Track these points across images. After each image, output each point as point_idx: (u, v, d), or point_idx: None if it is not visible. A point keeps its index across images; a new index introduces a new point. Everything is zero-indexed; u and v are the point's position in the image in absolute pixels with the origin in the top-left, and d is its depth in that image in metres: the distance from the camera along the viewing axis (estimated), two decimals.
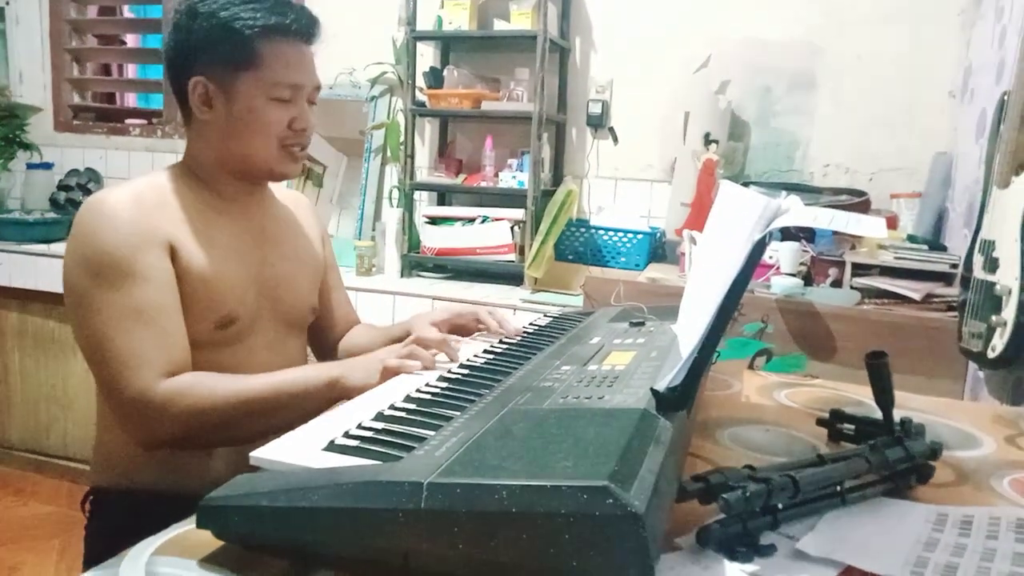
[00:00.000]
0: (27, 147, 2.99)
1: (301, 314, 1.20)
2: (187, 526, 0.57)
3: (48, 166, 3.07)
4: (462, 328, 1.14)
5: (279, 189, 1.22)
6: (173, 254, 0.99)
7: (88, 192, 3.01)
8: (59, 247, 2.65)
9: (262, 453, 0.58)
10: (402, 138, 2.50)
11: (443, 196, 2.66)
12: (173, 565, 0.53)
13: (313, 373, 0.95)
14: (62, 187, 3.02)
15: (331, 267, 1.32)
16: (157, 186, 1.04)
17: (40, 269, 2.59)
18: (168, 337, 0.96)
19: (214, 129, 1.05)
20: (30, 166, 3.04)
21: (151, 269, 0.96)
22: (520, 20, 2.37)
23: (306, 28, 1.05)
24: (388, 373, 0.86)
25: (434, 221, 2.50)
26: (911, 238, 1.94)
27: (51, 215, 2.88)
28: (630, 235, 2.35)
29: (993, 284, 1.23)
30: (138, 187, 1.02)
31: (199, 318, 1.01)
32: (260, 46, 1.01)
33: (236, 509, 0.53)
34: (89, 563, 1.07)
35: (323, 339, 1.31)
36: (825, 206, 1.93)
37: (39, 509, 2.55)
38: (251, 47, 1.01)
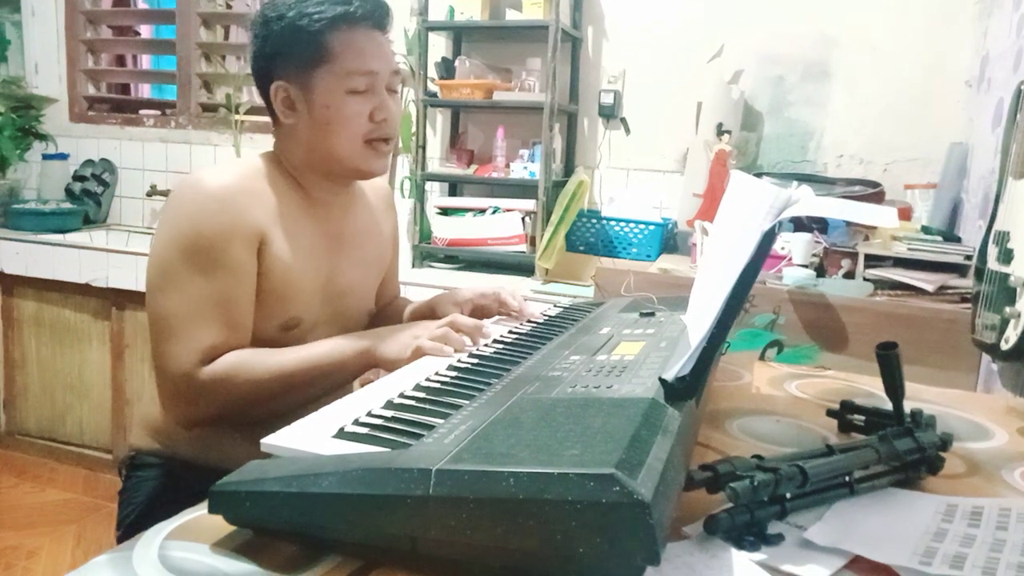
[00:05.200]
0: (43, 137, 3.02)
1: (360, 319, 1.22)
2: (199, 511, 0.58)
3: (63, 156, 3.10)
4: (484, 309, 1.15)
5: None
6: (261, 249, 1.00)
7: (103, 182, 3.04)
8: (74, 237, 2.68)
9: (273, 440, 0.58)
10: (413, 129, 2.50)
11: (454, 187, 2.66)
12: (186, 549, 0.54)
13: (347, 345, 0.98)
14: (77, 177, 3.05)
15: (394, 255, 1.32)
16: (255, 174, 1.05)
17: (56, 258, 2.61)
18: (234, 329, 0.98)
19: (299, 131, 1.06)
20: (46, 156, 3.06)
21: (238, 262, 0.98)
22: (532, 10, 2.35)
23: (374, 14, 1.05)
24: (420, 354, 0.88)
25: (445, 212, 2.50)
26: (925, 229, 1.92)
27: (67, 205, 2.91)
28: (642, 226, 2.34)
29: (1007, 275, 1.22)
30: (238, 173, 1.02)
31: (267, 316, 1.03)
32: (329, 39, 1.01)
33: (247, 495, 0.53)
34: (122, 525, 1.10)
35: None
36: (839, 197, 1.92)
37: (56, 496, 2.58)
38: (320, 41, 1.01)
